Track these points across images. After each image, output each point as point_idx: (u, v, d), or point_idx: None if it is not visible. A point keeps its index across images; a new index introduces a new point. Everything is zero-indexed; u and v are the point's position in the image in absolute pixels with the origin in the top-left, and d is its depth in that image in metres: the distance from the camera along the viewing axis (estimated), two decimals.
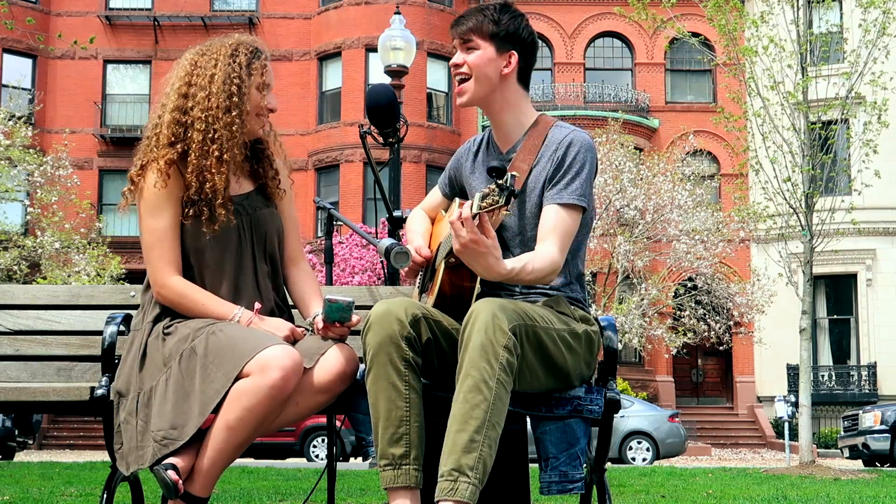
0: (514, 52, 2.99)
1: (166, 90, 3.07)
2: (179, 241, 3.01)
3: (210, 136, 2.97)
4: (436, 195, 3.33)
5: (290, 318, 3.15)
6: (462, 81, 3.01)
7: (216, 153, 2.96)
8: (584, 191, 2.91)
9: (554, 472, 2.82)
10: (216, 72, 3.00)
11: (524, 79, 3.05)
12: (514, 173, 2.47)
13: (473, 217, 2.56)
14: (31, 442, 21.93)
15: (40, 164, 25.21)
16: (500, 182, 2.47)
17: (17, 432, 19.46)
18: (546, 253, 2.82)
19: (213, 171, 2.96)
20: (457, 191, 3.22)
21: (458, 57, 3.02)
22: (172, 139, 3.00)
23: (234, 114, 2.98)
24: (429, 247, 3.19)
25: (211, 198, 2.97)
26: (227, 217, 2.98)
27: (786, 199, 13.60)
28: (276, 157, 3.20)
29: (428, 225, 3.30)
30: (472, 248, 2.61)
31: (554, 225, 2.87)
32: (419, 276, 3.18)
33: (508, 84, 3.01)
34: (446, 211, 3.22)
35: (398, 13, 14.90)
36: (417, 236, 3.22)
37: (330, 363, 2.83)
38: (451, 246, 2.82)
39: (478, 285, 2.89)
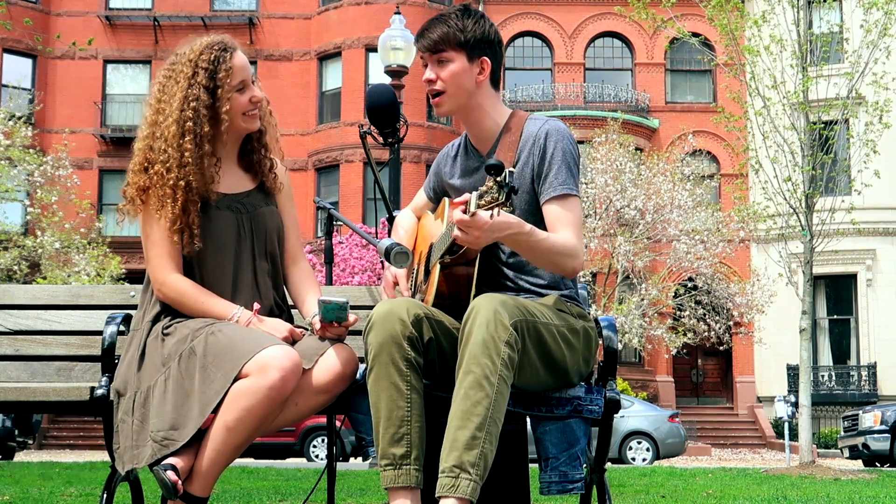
0: (485, 57, 2.95)
1: (145, 105, 3.08)
2: (180, 239, 3.00)
3: (167, 164, 2.96)
4: (422, 197, 3.33)
5: (290, 318, 3.15)
6: (436, 95, 2.97)
7: (171, 181, 2.95)
8: (573, 179, 2.90)
9: (554, 472, 2.82)
10: (174, 99, 2.98)
11: (496, 80, 3.02)
12: (511, 170, 2.45)
13: (471, 216, 2.55)
14: (31, 442, 21.91)
15: (40, 164, 25.19)
16: (498, 179, 2.45)
17: (17, 432, 19.44)
18: (562, 235, 2.81)
19: (169, 199, 2.95)
20: (440, 194, 3.22)
21: (429, 72, 2.96)
22: (146, 165, 3.01)
23: (187, 139, 2.96)
24: (415, 245, 3.21)
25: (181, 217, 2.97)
26: (191, 241, 2.97)
27: (786, 199, 13.59)
28: (273, 147, 3.18)
29: (414, 223, 3.31)
30: (483, 239, 2.61)
31: (558, 217, 2.86)
32: (410, 278, 3.17)
33: (483, 90, 2.98)
34: (433, 212, 3.22)
35: (398, 13, 14.90)
36: (403, 231, 3.25)
37: (329, 364, 2.83)
38: (445, 246, 2.81)
39: (474, 285, 2.88)
